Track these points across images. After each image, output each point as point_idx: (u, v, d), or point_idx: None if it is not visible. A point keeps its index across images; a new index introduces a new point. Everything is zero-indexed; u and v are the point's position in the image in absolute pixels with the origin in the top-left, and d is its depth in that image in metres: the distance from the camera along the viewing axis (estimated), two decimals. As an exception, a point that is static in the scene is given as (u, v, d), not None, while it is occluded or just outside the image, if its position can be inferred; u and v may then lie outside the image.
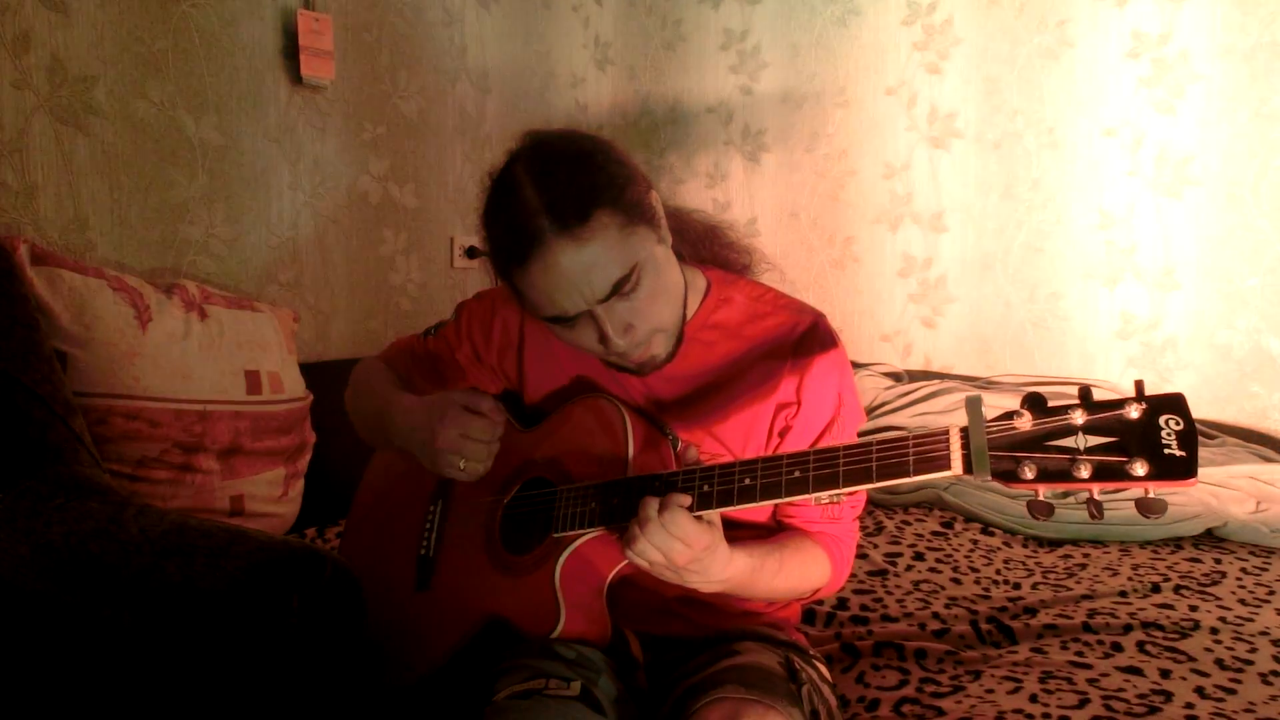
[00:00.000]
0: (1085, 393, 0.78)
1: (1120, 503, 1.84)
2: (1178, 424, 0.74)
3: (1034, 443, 0.79)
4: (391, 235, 2.48)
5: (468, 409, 1.07)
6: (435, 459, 1.08)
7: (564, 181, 0.98)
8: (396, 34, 2.44)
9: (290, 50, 2.15)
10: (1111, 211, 2.44)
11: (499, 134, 2.75)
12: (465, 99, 2.68)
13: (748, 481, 0.93)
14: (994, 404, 0.95)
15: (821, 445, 1.01)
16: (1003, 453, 0.80)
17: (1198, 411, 2.42)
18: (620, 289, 0.99)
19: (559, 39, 3.01)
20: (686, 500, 0.94)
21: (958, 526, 2.00)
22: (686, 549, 0.92)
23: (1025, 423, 0.79)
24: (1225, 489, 2.00)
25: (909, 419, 2.40)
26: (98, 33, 1.77)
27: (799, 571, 1.10)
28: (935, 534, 1.96)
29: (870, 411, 2.49)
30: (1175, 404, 0.75)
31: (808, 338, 1.12)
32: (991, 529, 1.98)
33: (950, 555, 1.82)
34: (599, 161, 1.01)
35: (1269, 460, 2.12)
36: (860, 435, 1.00)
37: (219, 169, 2.02)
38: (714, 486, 0.95)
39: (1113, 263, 2.45)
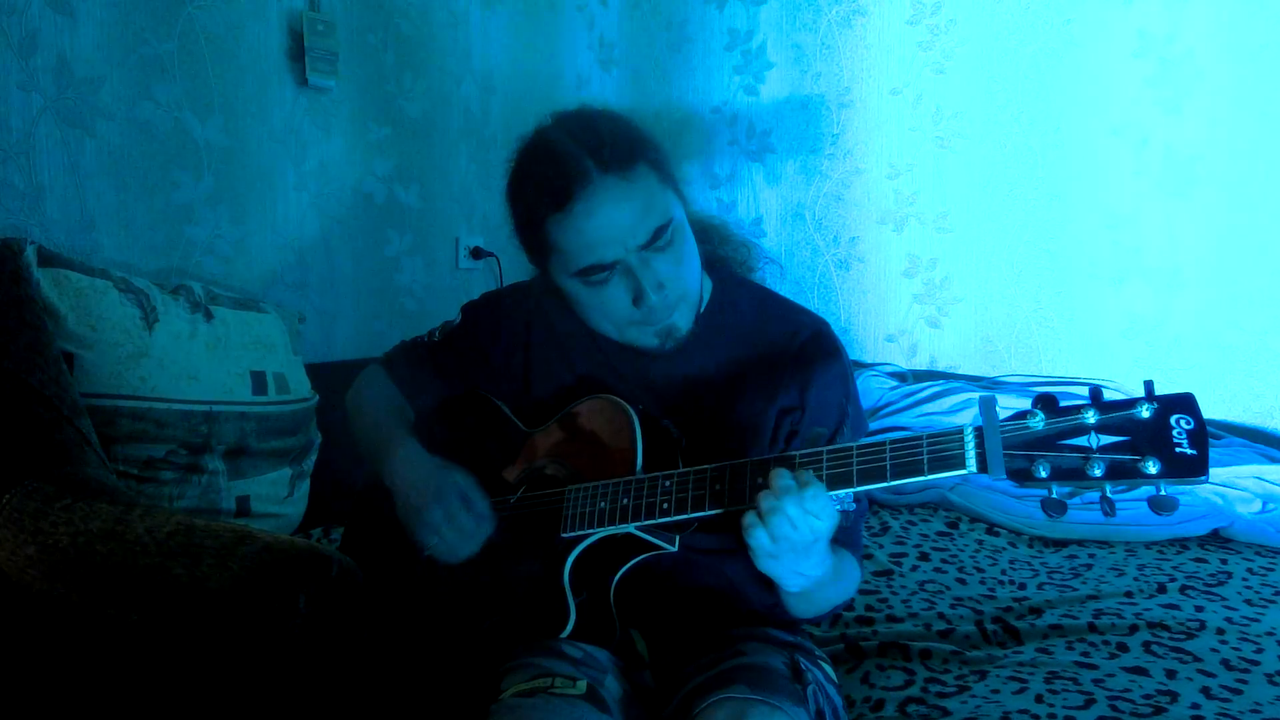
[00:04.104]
0: (1096, 393, 0.80)
1: (1128, 502, 1.83)
2: (1188, 423, 0.75)
3: (1047, 442, 0.80)
4: (396, 236, 2.49)
5: (464, 499, 1.08)
6: (415, 527, 1.10)
7: (606, 133, 1.02)
8: (401, 35, 2.45)
9: (295, 52, 2.15)
10: (1117, 211, 2.43)
11: (504, 135, 2.75)
12: (470, 100, 2.68)
13: (760, 481, 0.92)
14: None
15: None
16: (1017, 451, 0.80)
17: (1203, 412, 2.42)
18: (658, 238, 1.02)
19: (564, 40, 3.01)
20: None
21: (963, 527, 2.00)
22: (821, 524, 0.88)
23: (1038, 422, 0.80)
24: (1231, 489, 1.99)
25: (914, 419, 2.40)
26: (104, 34, 1.78)
27: (848, 575, 1.08)
28: (940, 534, 1.95)
29: (875, 412, 2.49)
30: (1186, 403, 0.76)
31: (811, 344, 1.12)
32: (997, 529, 1.98)
33: (955, 555, 1.82)
34: (632, 124, 1.07)
35: (1275, 460, 2.11)
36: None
37: (225, 170, 2.03)
38: (725, 485, 0.95)
39: (1118, 262, 2.44)
